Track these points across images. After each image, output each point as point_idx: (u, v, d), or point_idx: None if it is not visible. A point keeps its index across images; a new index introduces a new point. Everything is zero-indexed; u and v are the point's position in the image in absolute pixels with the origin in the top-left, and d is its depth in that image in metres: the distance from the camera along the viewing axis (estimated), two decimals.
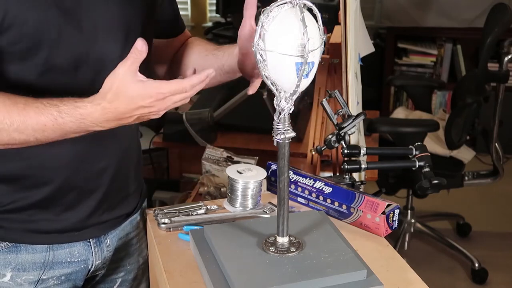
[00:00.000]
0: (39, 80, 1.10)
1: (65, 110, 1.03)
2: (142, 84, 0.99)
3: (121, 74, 0.99)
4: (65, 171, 1.19)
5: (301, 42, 0.91)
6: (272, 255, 1.05)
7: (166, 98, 1.01)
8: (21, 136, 1.04)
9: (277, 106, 0.98)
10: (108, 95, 1.00)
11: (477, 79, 2.79)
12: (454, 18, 4.05)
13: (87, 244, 1.28)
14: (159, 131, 2.58)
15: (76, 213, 1.23)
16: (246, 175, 1.28)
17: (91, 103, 1.02)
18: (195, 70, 1.06)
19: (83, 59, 1.13)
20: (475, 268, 2.90)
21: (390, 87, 4.21)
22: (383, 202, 1.19)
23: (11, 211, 1.19)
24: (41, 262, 1.23)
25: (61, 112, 1.03)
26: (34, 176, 1.17)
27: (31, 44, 1.07)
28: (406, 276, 1.09)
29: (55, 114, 1.03)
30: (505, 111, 2.87)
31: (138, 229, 1.40)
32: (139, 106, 1.01)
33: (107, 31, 1.15)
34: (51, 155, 1.16)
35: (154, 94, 1.00)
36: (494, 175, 2.89)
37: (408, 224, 3.07)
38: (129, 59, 0.99)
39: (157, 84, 1.00)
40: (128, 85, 0.99)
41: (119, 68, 1.00)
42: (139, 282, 1.45)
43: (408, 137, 2.70)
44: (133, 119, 1.04)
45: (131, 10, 1.19)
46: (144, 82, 1.00)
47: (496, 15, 2.67)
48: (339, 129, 1.42)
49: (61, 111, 1.03)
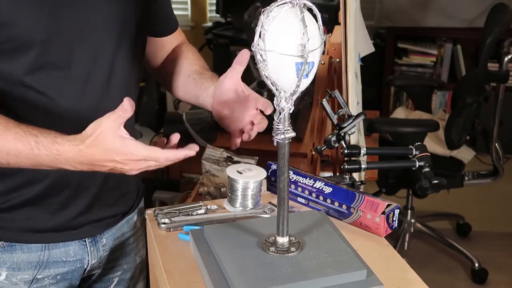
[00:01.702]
0: (30, 77, 1.10)
1: (43, 142, 1.03)
2: (121, 141, 1.01)
3: (104, 124, 1.00)
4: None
5: (301, 42, 0.91)
6: (272, 255, 1.05)
7: (140, 161, 1.03)
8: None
9: (277, 106, 0.98)
10: (88, 140, 1.01)
11: (477, 79, 2.79)
12: (454, 18, 4.06)
13: (83, 243, 1.28)
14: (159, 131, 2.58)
15: (71, 210, 1.23)
16: (246, 175, 1.28)
17: (70, 142, 1.02)
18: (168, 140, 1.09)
19: (76, 56, 1.13)
20: (475, 268, 2.90)
21: (390, 87, 4.21)
22: (383, 202, 1.19)
23: (5, 209, 1.19)
24: (36, 261, 1.23)
25: (38, 144, 1.03)
26: (27, 173, 1.16)
27: (22, 42, 1.07)
28: (406, 276, 1.09)
29: (32, 144, 1.03)
30: (505, 111, 2.87)
31: (134, 229, 1.40)
32: (113, 159, 1.02)
33: (101, 29, 1.15)
34: None
35: (129, 154, 1.01)
36: (494, 175, 2.89)
37: (408, 224, 3.07)
38: (115, 114, 1.00)
39: (134, 146, 1.01)
40: (108, 137, 1.00)
41: (104, 118, 1.01)
42: (136, 282, 1.45)
43: (408, 137, 2.70)
44: (106, 169, 1.05)
45: (126, 7, 1.19)
46: (123, 139, 1.01)
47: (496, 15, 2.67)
48: (339, 129, 1.42)
49: (38, 143, 1.03)
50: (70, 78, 1.13)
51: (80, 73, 1.14)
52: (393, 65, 4.19)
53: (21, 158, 1.04)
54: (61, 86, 1.13)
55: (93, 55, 1.15)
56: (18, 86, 1.10)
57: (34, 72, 1.10)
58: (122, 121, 1.01)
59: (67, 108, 1.14)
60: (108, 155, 1.01)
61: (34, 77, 1.10)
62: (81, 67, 1.14)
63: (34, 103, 1.12)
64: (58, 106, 1.14)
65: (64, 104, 1.14)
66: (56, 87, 1.12)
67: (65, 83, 1.13)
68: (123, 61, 1.21)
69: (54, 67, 1.11)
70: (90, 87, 1.16)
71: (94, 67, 1.15)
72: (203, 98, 1.28)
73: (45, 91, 1.12)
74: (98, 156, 1.02)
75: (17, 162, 1.05)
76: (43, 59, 1.10)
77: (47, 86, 1.12)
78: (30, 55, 1.09)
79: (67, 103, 1.14)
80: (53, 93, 1.13)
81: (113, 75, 1.19)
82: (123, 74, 1.22)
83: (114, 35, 1.17)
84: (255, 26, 0.96)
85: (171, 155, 1.04)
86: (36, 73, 1.10)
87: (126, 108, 0.99)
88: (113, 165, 1.03)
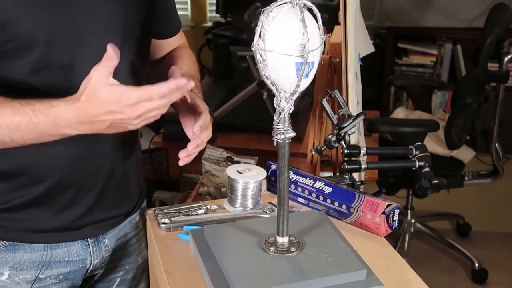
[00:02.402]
0: (34, 77, 1.10)
1: (39, 108, 1.02)
2: (111, 89, 1.00)
3: (93, 78, 1.00)
4: (60, 169, 1.19)
5: (301, 42, 0.91)
6: (272, 255, 1.05)
7: (137, 105, 1.00)
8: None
9: (277, 106, 0.98)
10: (82, 97, 1.01)
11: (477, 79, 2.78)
12: (454, 18, 4.05)
13: (85, 243, 1.28)
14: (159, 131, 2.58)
15: (74, 211, 1.23)
16: (246, 175, 1.28)
17: (65, 102, 1.02)
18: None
19: (80, 56, 1.13)
20: (475, 268, 2.90)
21: (390, 87, 4.20)
22: (383, 202, 1.19)
23: (8, 209, 1.19)
24: (39, 261, 1.23)
25: (35, 111, 1.02)
26: (30, 173, 1.17)
27: (25, 42, 1.07)
28: (406, 276, 1.09)
29: (29, 113, 1.02)
30: (505, 111, 2.87)
31: (137, 229, 1.40)
32: (109, 110, 1.01)
33: (105, 29, 1.15)
34: (47, 153, 1.16)
35: (122, 98, 1.00)
36: (494, 175, 2.89)
37: (408, 224, 3.07)
38: (101, 64, 0.99)
39: (124, 90, 1.00)
40: (98, 89, 1.00)
41: (92, 72, 1.00)
42: (138, 282, 1.45)
43: (408, 137, 2.69)
44: (106, 125, 1.03)
45: (131, 8, 1.19)
46: (113, 86, 1.00)
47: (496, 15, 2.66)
48: (339, 129, 1.42)
49: (35, 110, 1.02)
50: (73, 78, 1.13)
51: (83, 73, 1.14)
52: (393, 65, 4.19)
53: (22, 130, 1.03)
54: (64, 86, 1.13)
55: (97, 55, 1.15)
56: (22, 86, 1.10)
57: (38, 72, 1.10)
58: (109, 70, 0.99)
59: None
60: (103, 106, 1.00)
61: (37, 77, 1.10)
62: (84, 67, 1.14)
63: None
64: None
65: None
66: (59, 87, 1.12)
67: (68, 83, 1.13)
68: (127, 62, 1.21)
69: (57, 67, 1.11)
70: None
71: None
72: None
73: (48, 91, 1.12)
74: (94, 110, 1.00)
75: (20, 136, 1.04)
76: (47, 59, 1.10)
77: (51, 86, 1.12)
78: (33, 55, 1.09)
79: None
80: (56, 92, 1.12)
81: (117, 75, 1.19)
82: (127, 75, 1.22)
83: (118, 35, 1.17)
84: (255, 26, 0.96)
85: (162, 89, 1.00)
86: (39, 73, 1.10)
87: (111, 55, 0.98)
88: (111, 117, 1.01)
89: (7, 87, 1.10)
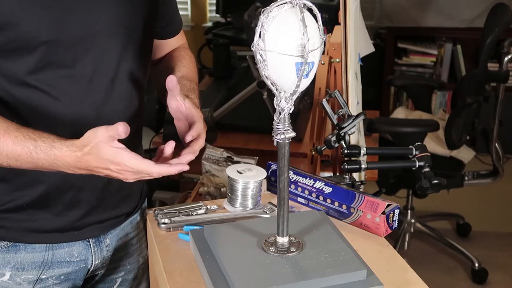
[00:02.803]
0: (35, 76, 1.10)
1: (41, 146, 1.05)
2: (115, 151, 1.04)
3: (100, 136, 1.03)
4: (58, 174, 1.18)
5: (301, 42, 0.91)
6: (272, 255, 1.05)
7: (134, 172, 1.06)
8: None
9: (277, 106, 0.98)
10: (85, 148, 1.04)
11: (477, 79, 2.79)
12: (454, 18, 4.05)
13: (87, 243, 1.28)
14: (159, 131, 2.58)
15: (75, 211, 1.23)
16: (246, 175, 1.28)
17: (67, 148, 1.05)
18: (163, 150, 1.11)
19: (81, 56, 1.13)
20: (475, 268, 2.90)
21: (390, 87, 4.20)
22: (383, 202, 1.19)
23: (10, 210, 1.19)
24: (40, 261, 1.23)
25: (37, 148, 1.05)
26: (30, 174, 1.16)
27: (27, 43, 1.07)
28: (406, 276, 1.09)
29: (30, 148, 1.05)
30: (505, 111, 2.87)
31: (138, 229, 1.40)
32: (108, 168, 1.05)
33: (108, 29, 1.15)
34: None
35: (123, 165, 1.04)
36: (494, 175, 2.89)
37: (408, 224, 3.07)
38: (110, 131, 1.03)
39: (127, 156, 1.04)
40: (102, 148, 1.03)
41: (101, 129, 1.03)
42: (139, 282, 1.45)
43: (408, 137, 2.70)
44: (104, 174, 1.08)
45: (134, 8, 1.19)
46: (117, 150, 1.04)
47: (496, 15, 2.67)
48: (339, 129, 1.42)
49: (37, 147, 1.05)
50: (74, 77, 1.13)
51: (84, 73, 1.14)
52: (393, 65, 4.19)
53: (21, 161, 1.07)
54: (65, 85, 1.13)
55: (99, 55, 1.15)
56: (22, 85, 1.10)
57: (39, 71, 1.10)
58: (115, 138, 1.04)
59: (71, 107, 1.15)
60: (104, 163, 1.04)
61: (38, 76, 1.11)
62: (85, 66, 1.14)
63: (38, 102, 1.12)
64: (61, 105, 1.14)
65: (68, 103, 1.14)
66: (60, 86, 1.12)
67: (69, 82, 1.13)
68: (129, 62, 1.21)
69: (58, 66, 1.12)
70: (94, 87, 1.16)
71: (99, 67, 1.15)
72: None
73: (49, 90, 1.12)
74: (94, 163, 1.05)
75: (18, 165, 1.08)
76: (48, 59, 1.10)
77: (51, 85, 1.12)
78: (35, 54, 1.09)
79: (71, 102, 1.14)
80: (57, 92, 1.13)
81: (118, 75, 1.19)
82: (129, 75, 1.22)
83: (120, 35, 1.17)
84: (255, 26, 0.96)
85: (163, 170, 1.06)
86: (41, 72, 1.11)
87: (120, 133, 1.02)
88: (108, 173, 1.06)
89: (8, 87, 1.10)
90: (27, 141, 1.05)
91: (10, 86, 1.10)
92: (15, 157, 1.06)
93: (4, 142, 1.05)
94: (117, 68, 1.19)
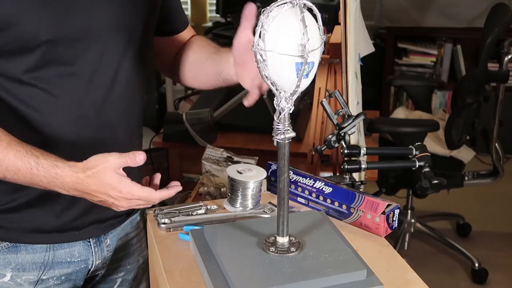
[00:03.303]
0: (34, 74, 1.11)
1: (43, 164, 1.06)
2: (118, 178, 1.05)
3: (108, 161, 1.04)
4: None
5: (301, 42, 0.91)
6: (272, 255, 1.05)
7: (133, 200, 1.07)
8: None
9: (277, 106, 0.98)
10: (88, 171, 1.05)
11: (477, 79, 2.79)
12: (454, 18, 4.06)
13: (87, 244, 1.28)
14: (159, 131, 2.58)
15: (75, 211, 1.23)
16: (246, 175, 1.28)
17: (70, 168, 1.06)
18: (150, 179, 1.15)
19: (81, 55, 1.13)
20: (475, 268, 2.90)
21: (390, 87, 4.21)
22: (383, 202, 1.19)
23: (10, 210, 1.19)
24: (41, 262, 1.23)
25: (38, 165, 1.06)
26: None
27: (27, 42, 1.07)
28: (406, 276, 1.09)
29: (32, 164, 1.06)
30: (505, 111, 2.87)
31: (138, 229, 1.40)
32: (107, 193, 1.06)
33: (108, 29, 1.15)
34: None
35: (125, 192, 1.06)
36: (494, 175, 2.89)
37: (408, 224, 3.07)
38: (123, 158, 1.04)
39: (130, 185, 1.06)
40: (108, 173, 1.04)
41: (111, 156, 1.04)
42: (139, 282, 1.45)
43: (408, 137, 2.70)
44: (96, 199, 1.09)
45: (134, 7, 1.19)
46: (121, 177, 1.05)
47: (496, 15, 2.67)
48: (339, 129, 1.42)
49: (39, 164, 1.06)
50: (74, 76, 1.14)
51: (84, 71, 1.14)
52: (393, 65, 4.19)
53: (19, 175, 1.07)
54: (65, 84, 1.13)
55: (99, 54, 1.15)
56: (22, 84, 1.10)
57: (39, 69, 1.10)
58: (126, 165, 1.05)
59: (70, 105, 1.14)
60: (104, 188, 1.05)
61: (38, 74, 1.11)
62: (85, 65, 1.14)
63: (38, 102, 1.12)
64: (61, 104, 1.14)
65: (68, 102, 1.14)
66: (59, 85, 1.13)
67: (69, 81, 1.13)
68: (130, 62, 1.21)
69: (58, 65, 1.12)
70: (94, 86, 1.16)
71: (99, 66, 1.15)
72: (226, 71, 1.25)
73: (49, 89, 1.12)
74: (94, 187, 1.06)
75: (14, 178, 1.09)
76: (48, 58, 1.10)
77: (51, 84, 1.12)
78: (35, 54, 1.09)
79: (70, 100, 1.14)
80: (57, 91, 1.13)
81: (119, 75, 1.19)
82: (129, 75, 1.22)
83: (121, 35, 1.17)
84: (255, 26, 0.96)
85: (164, 195, 1.10)
86: (41, 71, 1.11)
87: (138, 161, 1.04)
88: (106, 198, 1.07)
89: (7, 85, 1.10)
90: (29, 157, 1.06)
91: (10, 85, 1.10)
92: (14, 170, 1.07)
93: (6, 155, 1.06)
94: (118, 67, 1.19)
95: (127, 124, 1.26)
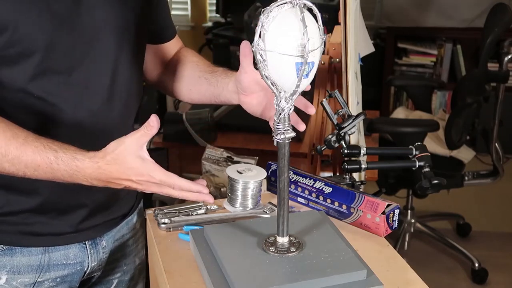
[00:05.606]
0: (32, 83, 1.10)
1: (62, 157, 1.04)
2: (141, 161, 1.03)
3: (126, 143, 1.02)
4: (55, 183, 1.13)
5: (301, 42, 0.91)
6: (272, 255, 1.05)
7: (155, 184, 1.05)
8: (11, 168, 1.05)
9: (277, 106, 0.98)
10: (108, 157, 1.03)
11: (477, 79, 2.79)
12: (454, 18, 4.06)
13: (83, 246, 1.28)
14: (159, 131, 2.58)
15: (71, 217, 1.23)
16: (246, 175, 1.28)
17: (89, 159, 1.04)
18: None
19: (78, 62, 1.13)
20: (475, 268, 2.90)
21: (390, 87, 4.21)
22: (383, 202, 1.19)
23: (6, 214, 1.18)
24: (37, 264, 1.23)
25: (58, 159, 1.04)
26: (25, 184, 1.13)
27: (25, 48, 1.07)
28: (406, 276, 1.09)
29: (51, 159, 1.04)
30: (505, 111, 2.87)
31: (134, 230, 1.40)
32: (129, 178, 1.04)
33: (102, 34, 1.15)
34: None
35: (146, 175, 1.03)
36: (494, 175, 2.89)
37: (408, 224, 3.07)
38: (140, 132, 1.02)
39: (152, 167, 1.03)
40: (129, 156, 1.02)
41: (127, 137, 1.02)
42: (135, 283, 1.45)
43: (408, 137, 2.70)
44: (120, 187, 1.07)
45: (128, 13, 1.19)
46: (143, 160, 1.03)
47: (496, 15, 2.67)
48: (339, 129, 1.42)
49: (58, 158, 1.04)
50: (70, 83, 1.13)
51: (80, 79, 1.14)
52: (393, 65, 4.19)
53: (39, 171, 1.05)
54: (61, 92, 1.13)
55: (95, 60, 1.15)
56: (19, 92, 1.10)
57: (36, 78, 1.09)
58: (146, 139, 1.02)
59: (67, 113, 1.14)
60: (126, 174, 1.03)
61: (35, 83, 1.10)
62: (81, 72, 1.14)
63: (35, 109, 1.12)
64: (58, 112, 1.13)
65: (65, 109, 1.14)
66: (56, 92, 1.12)
67: (66, 89, 1.13)
68: (125, 67, 1.21)
69: (55, 72, 1.11)
70: (91, 93, 1.16)
71: (94, 73, 1.15)
72: (224, 95, 1.27)
73: (46, 97, 1.11)
74: (116, 174, 1.04)
75: (34, 175, 1.06)
76: (45, 65, 1.09)
77: (48, 92, 1.11)
78: (32, 61, 1.08)
79: (67, 108, 1.14)
80: (54, 98, 1.12)
81: (115, 81, 1.19)
82: (125, 81, 1.21)
83: (116, 41, 1.17)
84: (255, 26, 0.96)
85: (185, 185, 1.06)
86: (38, 79, 1.10)
87: (152, 125, 1.01)
88: (129, 184, 1.05)
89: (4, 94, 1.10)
90: (48, 152, 1.04)
91: (7, 94, 1.10)
92: (34, 167, 1.04)
93: (24, 152, 1.04)
94: (114, 74, 1.18)
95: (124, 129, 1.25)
